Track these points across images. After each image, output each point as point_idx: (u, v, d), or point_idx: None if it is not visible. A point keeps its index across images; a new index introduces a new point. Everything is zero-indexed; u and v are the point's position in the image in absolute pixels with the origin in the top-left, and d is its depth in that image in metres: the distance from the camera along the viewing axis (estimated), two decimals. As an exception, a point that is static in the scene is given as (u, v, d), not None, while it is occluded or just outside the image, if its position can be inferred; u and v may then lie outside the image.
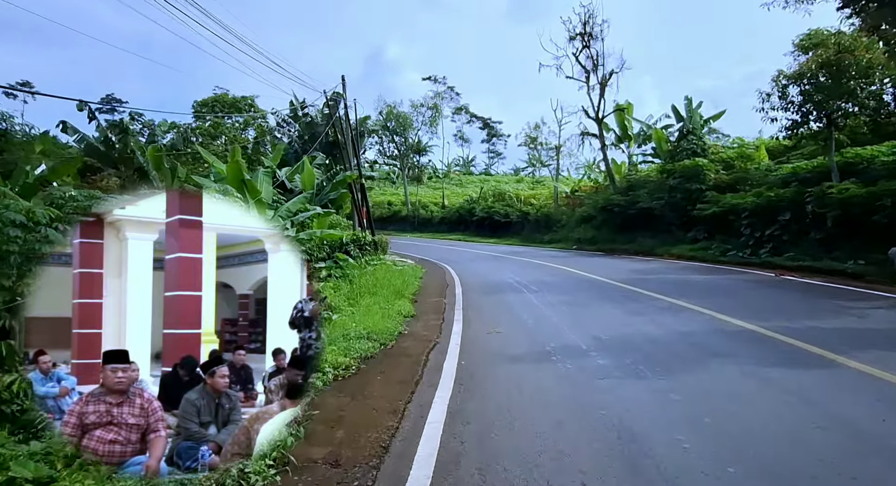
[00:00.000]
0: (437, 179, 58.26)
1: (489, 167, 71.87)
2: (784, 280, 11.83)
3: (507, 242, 32.45)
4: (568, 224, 29.37)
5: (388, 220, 44.11)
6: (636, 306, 8.94)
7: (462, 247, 28.79)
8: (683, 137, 24.74)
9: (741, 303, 8.86)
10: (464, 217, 40.59)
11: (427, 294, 11.33)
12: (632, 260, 18.60)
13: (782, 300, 9.29)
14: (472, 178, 60.84)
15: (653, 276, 13.26)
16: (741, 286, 11.23)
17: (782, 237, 15.46)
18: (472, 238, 35.72)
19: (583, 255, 21.78)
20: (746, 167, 20.48)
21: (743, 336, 6.48)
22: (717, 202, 18.65)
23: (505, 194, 39.99)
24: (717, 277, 12.94)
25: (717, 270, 14.64)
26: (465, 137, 68.28)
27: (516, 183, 51.46)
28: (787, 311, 8.04)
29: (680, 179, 21.10)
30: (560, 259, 19.13)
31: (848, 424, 3.72)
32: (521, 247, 28.24)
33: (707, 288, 11.00)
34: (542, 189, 42.96)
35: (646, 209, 22.25)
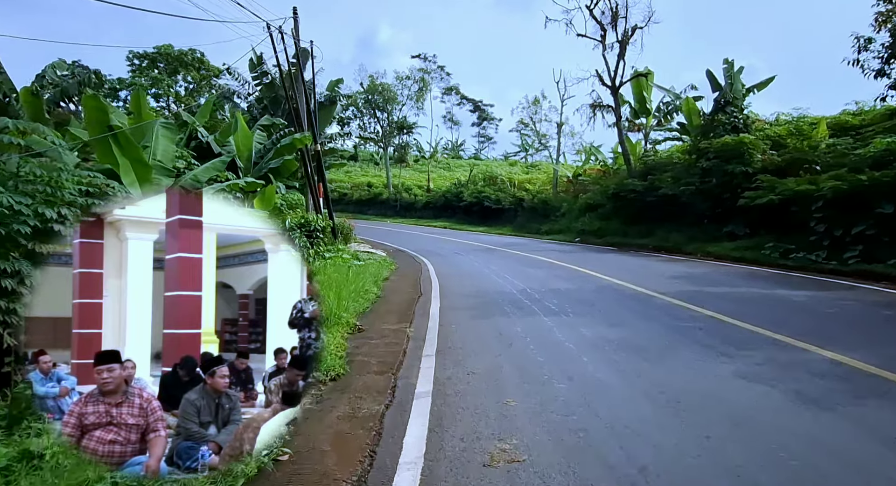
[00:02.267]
0: (423, 161, 53.20)
1: (479, 152, 66.57)
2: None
3: (498, 230, 29.36)
4: (569, 213, 26.14)
5: (366, 203, 41.09)
6: (751, 361, 4.95)
7: (447, 236, 25.67)
8: (720, 109, 19.41)
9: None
10: (451, 202, 37.04)
11: (384, 315, 7.61)
12: (658, 259, 15.25)
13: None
14: (461, 161, 56.14)
15: (714, 288, 9.71)
16: (886, 315, 7.46)
17: (881, 238, 11.39)
18: (460, 226, 32.50)
19: (590, 249, 18.85)
20: (804, 146, 15.97)
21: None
22: (772, 189, 14.40)
23: (497, 178, 36.48)
24: (824, 295, 8.96)
25: (802, 281, 10.61)
26: (454, 120, 63.71)
27: (509, 166, 47.25)
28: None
29: (716, 161, 16.84)
30: (566, 255, 16.01)
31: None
32: (515, 238, 25.19)
33: (841, 319, 7.12)
34: (538, 174, 39.07)
35: (668, 197, 18.66)
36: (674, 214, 18.83)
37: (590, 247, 19.93)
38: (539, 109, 39.90)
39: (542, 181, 34.07)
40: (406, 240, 21.63)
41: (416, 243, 20.39)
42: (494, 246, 19.85)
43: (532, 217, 29.50)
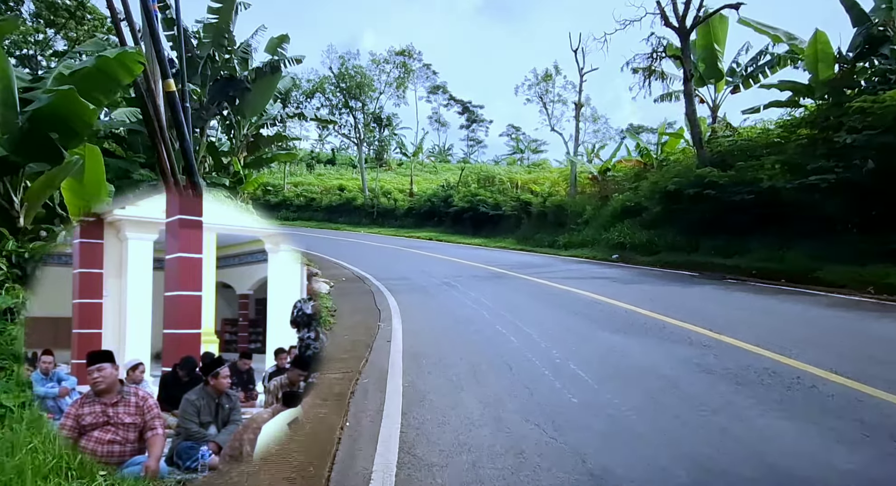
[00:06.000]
0: (406, 163, 45.65)
1: (468, 156, 58.75)
2: None
3: (497, 243, 22.69)
4: (595, 220, 19.67)
5: (337, 210, 34.65)
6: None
7: (433, 251, 18.51)
8: (869, 52, 12.65)
9: None
10: (437, 208, 30.42)
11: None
12: (812, 298, 8.53)
13: None
14: (450, 166, 49.47)
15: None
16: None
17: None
18: (449, 237, 26.01)
19: (654, 276, 11.79)
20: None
21: None
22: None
23: (494, 178, 30.41)
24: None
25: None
26: (441, 121, 56.25)
27: (508, 165, 40.14)
28: None
29: (868, 134, 10.15)
30: (635, 290, 9.32)
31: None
32: (523, 254, 18.49)
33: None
34: (543, 173, 32.31)
35: (771, 194, 12.06)
36: (781, 220, 12.13)
37: (645, 270, 13.12)
38: (551, 87, 29.68)
39: (553, 181, 27.17)
40: (375, 259, 15.49)
41: (389, 265, 14.05)
42: (502, 269, 12.95)
43: (542, 226, 22.71)
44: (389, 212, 33.55)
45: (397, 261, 15.49)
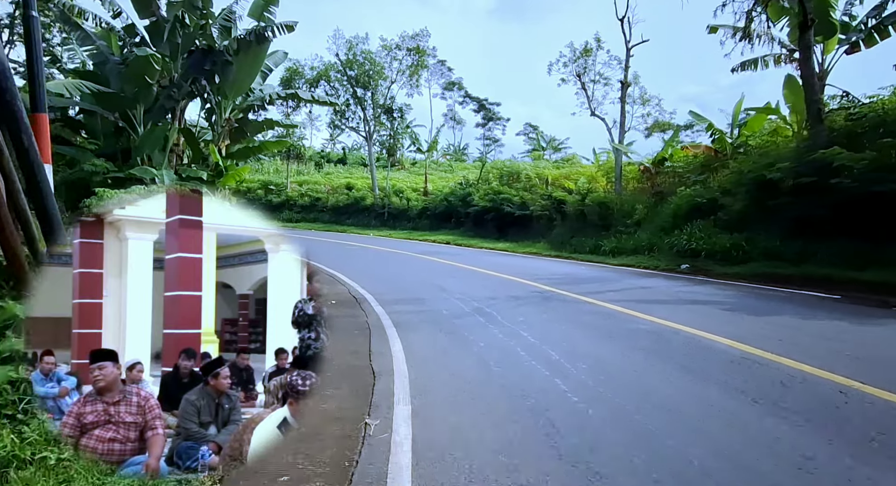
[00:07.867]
0: (420, 161, 42.21)
1: (485, 155, 56.70)
2: None
3: (527, 248, 19.36)
4: (650, 220, 16.47)
5: (345, 211, 31.87)
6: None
7: (452, 259, 15.36)
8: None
9: None
10: (455, 208, 27.15)
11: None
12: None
13: None
14: (466, 165, 46.47)
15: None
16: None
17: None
18: (469, 241, 22.93)
19: (791, 300, 8.15)
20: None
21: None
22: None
23: (520, 174, 26.57)
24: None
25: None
26: (457, 118, 51.49)
27: (535, 160, 35.57)
28: None
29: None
30: (794, 325, 6.14)
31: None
32: (564, 262, 15.40)
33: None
34: (575, 168, 27.28)
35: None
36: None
37: (740, 286, 9.67)
38: (591, 63, 24.33)
39: (590, 175, 22.88)
40: (382, 269, 13.27)
41: (398, 277, 11.67)
42: (545, 284, 9.91)
43: (580, 228, 19.16)
44: (402, 213, 30.64)
45: (409, 272, 12.68)
